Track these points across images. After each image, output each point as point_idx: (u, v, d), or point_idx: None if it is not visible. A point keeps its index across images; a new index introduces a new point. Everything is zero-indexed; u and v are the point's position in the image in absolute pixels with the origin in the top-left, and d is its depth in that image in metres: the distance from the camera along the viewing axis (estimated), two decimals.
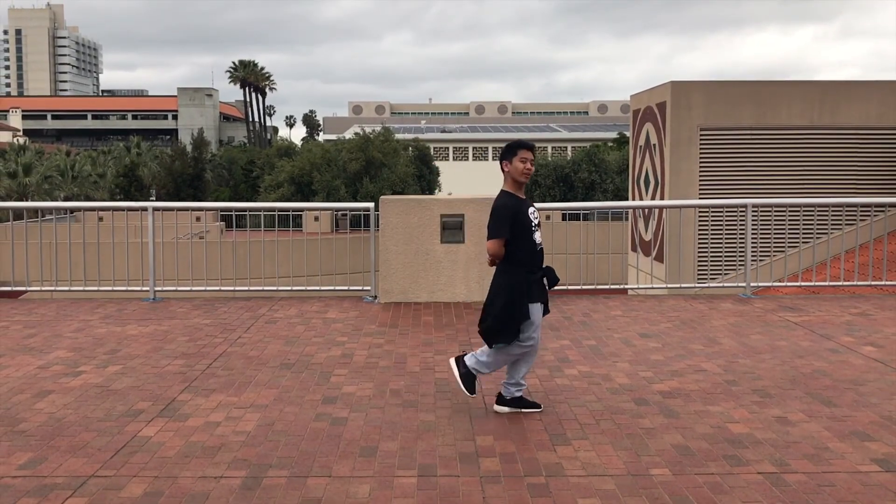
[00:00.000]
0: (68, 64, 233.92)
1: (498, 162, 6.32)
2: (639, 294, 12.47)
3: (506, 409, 6.27)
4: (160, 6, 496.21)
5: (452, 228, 10.69)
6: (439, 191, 68.26)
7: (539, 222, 6.26)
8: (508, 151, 6.21)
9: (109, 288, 11.50)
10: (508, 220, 6.06)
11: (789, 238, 13.29)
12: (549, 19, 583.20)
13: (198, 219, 31.58)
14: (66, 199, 70.05)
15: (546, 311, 6.31)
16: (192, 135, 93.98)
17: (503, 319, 6.09)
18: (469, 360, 6.30)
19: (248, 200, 67.66)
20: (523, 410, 6.25)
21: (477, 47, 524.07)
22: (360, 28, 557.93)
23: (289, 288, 11.59)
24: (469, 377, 6.30)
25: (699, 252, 17.30)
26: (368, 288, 11.26)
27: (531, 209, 6.21)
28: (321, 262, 12.38)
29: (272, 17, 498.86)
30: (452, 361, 6.40)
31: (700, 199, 18.45)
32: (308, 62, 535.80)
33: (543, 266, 6.29)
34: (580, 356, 7.95)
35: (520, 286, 6.11)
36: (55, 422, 6.02)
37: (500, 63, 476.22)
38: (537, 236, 6.21)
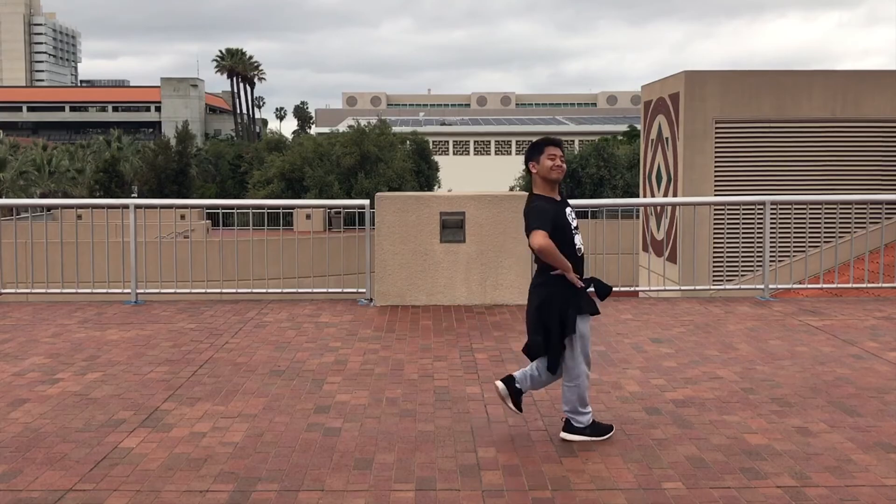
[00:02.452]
0: (45, 52, 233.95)
1: (524, 162, 6.16)
2: (650, 297, 12.47)
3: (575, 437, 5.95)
4: None
5: (452, 227, 10.69)
6: (438, 187, 68.28)
7: (577, 225, 6.05)
8: (534, 150, 6.03)
9: (88, 290, 11.49)
10: (550, 215, 5.86)
11: (810, 237, 13.29)
12: (557, 5, 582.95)
13: (182, 217, 31.55)
14: (43, 195, 70.12)
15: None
16: (176, 128, 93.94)
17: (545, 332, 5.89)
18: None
19: (235, 197, 67.63)
20: (594, 438, 5.91)
21: (480, 35, 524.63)
22: (356, 14, 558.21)
23: (279, 290, 11.59)
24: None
25: (714, 252, 17.31)
26: (363, 290, 11.26)
27: (568, 209, 6.04)
28: (313, 263, 12.39)
29: (263, 2, 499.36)
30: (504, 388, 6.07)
31: (715, 195, 18.46)
32: (300, 50, 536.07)
33: (586, 275, 6.09)
34: None
35: (563, 295, 5.89)
36: (31, 432, 6.01)
37: (505, 51, 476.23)
38: (578, 240, 6.00)
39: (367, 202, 11.42)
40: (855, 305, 10.76)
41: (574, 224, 6.01)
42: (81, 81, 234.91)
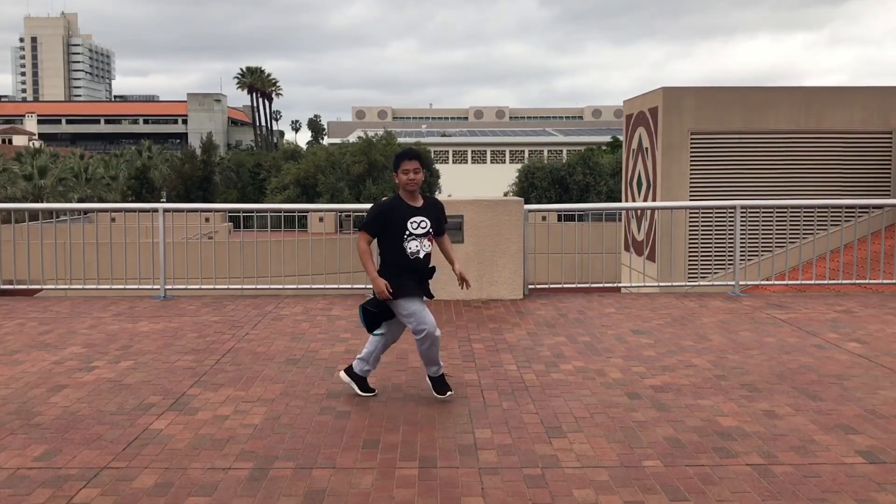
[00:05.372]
0: (82, 70, 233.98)
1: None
2: (631, 292, 12.47)
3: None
4: (173, 14, 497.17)
5: (452, 229, 10.67)
6: (439, 192, 68.22)
7: (428, 231, 6.30)
8: (394, 164, 6.37)
9: (121, 286, 11.49)
10: (381, 217, 6.27)
11: (777, 238, 13.28)
12: (549, 27, 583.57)
13: (207, 220, 31.57)
14: (80, 200, 70.03)
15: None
16: (201, 139, 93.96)
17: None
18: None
19: (255, 202, 67.62)
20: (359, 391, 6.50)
21: (478, 54, 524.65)
22: (366, 36, 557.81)
23: (294, 286, 11.59)
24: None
25: (690, 251, 17.31)
26: (371, 286, 11.23)
27: (419, 217, 6.28)
28: (326, 262, 12.37)
29: (281, 25, 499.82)
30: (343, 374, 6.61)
31: (690, 200, 18.45)
32: (314, 69, 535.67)
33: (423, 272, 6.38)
34: (575, 352, 7.95)
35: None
36: (69, 415, 6.01)
37: (500, 70, 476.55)
38: (413, 245, 6.26)
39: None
40: (817, 300, 10.75)
41: (420, 231, 6.27)
42: (115, 97, 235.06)
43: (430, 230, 6.34)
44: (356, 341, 8.40)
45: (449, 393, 6.38)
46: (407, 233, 6.24)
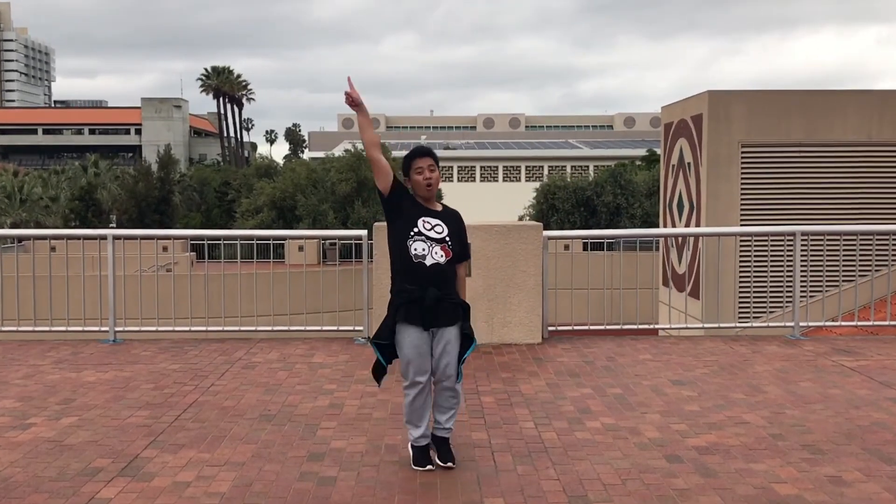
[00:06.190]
0: (16, 71, 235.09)
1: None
2: (671, 335, 12.49)
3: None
4: (124, 5, 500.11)
5: None
6: None
7: (444, 238, 6.31)
8: (403, 167, 6.52)
9: (63, 328, 11.52)
10: (400, 209, 6.39)
11: (844, 271, 13.32)
12: (572, 19, 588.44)
13: (164, 248, 31.65)
14: (14, 225, 70.22)
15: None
16: (157, 152, 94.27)
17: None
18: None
19: (222, 227, 67.77)
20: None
21: (488, 51, 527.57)
22: (355, 30, 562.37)
23: (269, 328, 11.62)
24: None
25: (740, 287, 17.32)
26: (360, 328, 11.29)
27: (435, 219, 6.35)
28: (306, 299, 12.40)
29: (254, 17, 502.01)
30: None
31: (742, 225, 18.50)
32: (294, 69, 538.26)
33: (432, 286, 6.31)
34: (604, 406, 7.97)
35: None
36: (1, 482, 6.04)
37: (515, 70, 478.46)
38: (419, 247, 6.27)
39: (364, 233, 11.48)
40: (892, 345, 10.78)
41: (433, 235, 6.29)
42: (55, 102, 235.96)
43: (448, 240, 6.31)
44: (342, 393, 8.43)
45: (429, 467, 6.34)
46: (415, 230, 6.26)
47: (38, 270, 11.96)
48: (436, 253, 6.26)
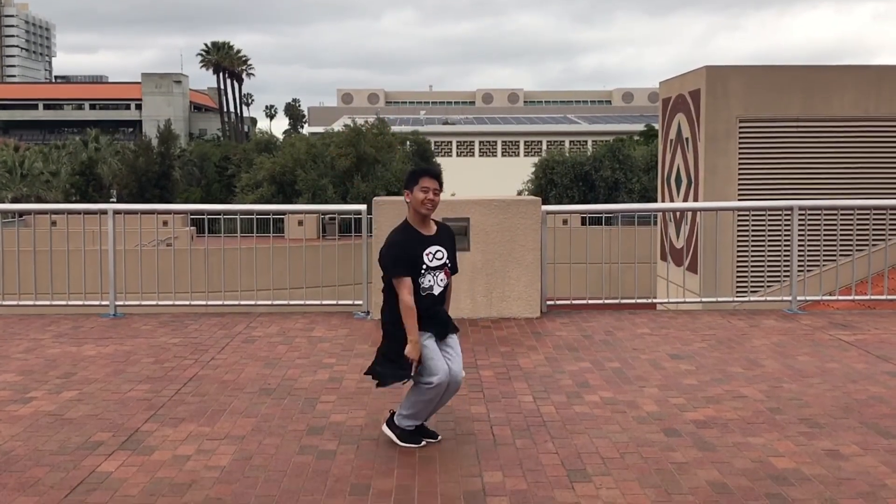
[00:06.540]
0: (16, 46, 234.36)
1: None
2: (669, 309, 12.48)
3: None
4: None
5: (456, 234, 10.69)
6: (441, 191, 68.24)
7: (444, 263, 6.35)
8: (410, 179, 6.37)
9: (64, 302, 11.51)
10: (403, 258, 6.23)
11: (841, 245, 13.30)
12: None
13: (165, 223, 31.64)
14: (15, 200, 70.14)
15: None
16: (158, 127, 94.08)
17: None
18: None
19: (222, 202, 67.69)
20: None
21: (487, 27, 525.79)
22: (355, 5, 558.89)
23: (269, 302, 11.61)
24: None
25: (738, 261, 17.30)
26: (360, 302, 11.28)
27: (434, 247, 6.32)
28: (306, 273, 12.38)
29: None
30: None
31: (739, 200, 18.47)
32: (293, 44, 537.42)
33: (440, 318, 6.37)
34: (602, 380, 7.96)
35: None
36: (2, 455, 6.03)
37: (514, 45, 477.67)
38: (427, 280, 6.29)
39: (363, 207, 11.44)
40: (890, 319, 10.76)
41: (435, 263, 6.30)
42: (56, 77, 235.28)
43: (447, 262, 6.38)
44: (341, 367, 8.42)
45: (423, 443, 6.31)
46: (424, 266, 6.27)
47: (39, 245, 11.94)
48: (440, 281, 6.35)
